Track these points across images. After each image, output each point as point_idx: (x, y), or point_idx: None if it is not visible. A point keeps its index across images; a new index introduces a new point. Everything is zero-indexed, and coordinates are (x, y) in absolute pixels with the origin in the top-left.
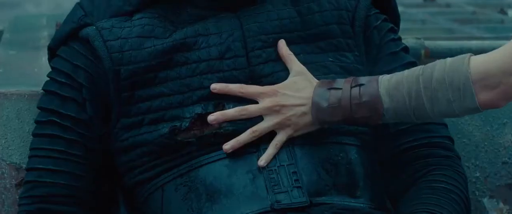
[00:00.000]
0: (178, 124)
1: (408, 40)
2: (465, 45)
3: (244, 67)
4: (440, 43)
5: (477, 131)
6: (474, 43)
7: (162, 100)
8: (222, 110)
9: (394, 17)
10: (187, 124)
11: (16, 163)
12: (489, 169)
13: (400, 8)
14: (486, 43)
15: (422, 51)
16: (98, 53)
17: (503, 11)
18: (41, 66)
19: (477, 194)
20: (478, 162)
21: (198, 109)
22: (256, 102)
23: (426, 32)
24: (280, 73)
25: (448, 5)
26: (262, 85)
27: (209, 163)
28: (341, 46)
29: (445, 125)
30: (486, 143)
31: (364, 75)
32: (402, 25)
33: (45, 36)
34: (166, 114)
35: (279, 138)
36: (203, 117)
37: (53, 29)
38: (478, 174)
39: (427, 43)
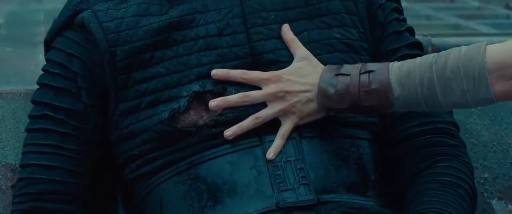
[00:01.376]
0: (176, 106)
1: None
2: (473, 42)
3: (244, 43)
4: (447, 40)
5: (486, 130)
6: (482, 40)
7: (158, 81)
8: (222, 88)
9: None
10: (185, 104)
11: (11, 164)
12: (497, 170)
13: (403, 4)
14: (494, 39)
15: (429, 48)
16: (93, 35)
17: (508, 6)
18: (38, 64)
19: (485, 196)
20: (486, 163)
21: (195, 87)
22: (260, 89)
23: (432, 29)
24: (282, 51)
25: (452, 0)
26: (263, 61)
27: (210, 159)
28: (345, 21)
29: (450, 111)
30: (494, 143)
31: (368, 54)
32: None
33: (43, 31)
34: (163, 95)
35: (286, 128)
36: (201, 95)
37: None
38: (486, 175)
39: (434, 40)
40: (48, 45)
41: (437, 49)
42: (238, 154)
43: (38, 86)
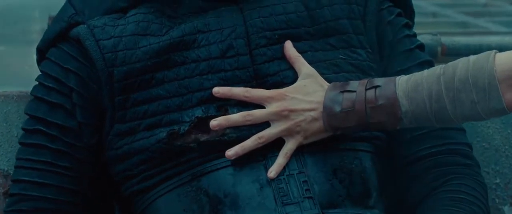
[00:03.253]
0: (176, 128)
1: (424, 36)
2: (484, 42)
3: (248, 66)
4: (457, 39)
5: (497, 134)
6: (493, 39)
7: (159, 104)
8: (225, 113)
9: (409, 12)
10: (186, 128)
11: (3, 169)
12: (510, 174)
13: None
14: (506, 39)
15: (439, 49)
16: (89, 54)
17: None
18: (32, 64)
19: (497, 202)
20: (498, 168)
21: (198, 112)
22: (263, 107)
23: (439, 26)
24: (286, 72)
25: None
26: (268, 85)
27: (212, 171)
28: (352, 42)
29: (464, 130)
30: (506, 147)
31: (377, 74)
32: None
33: (38, 29)
34: (163, 118)
35: (289, 147)
36: (203, 121)
37: (46, 23)
38: (498, 180)
39: (444, 39)
40: (42, 54)
41: (447, 49)
42: (240, 167)
43: (32, 96)
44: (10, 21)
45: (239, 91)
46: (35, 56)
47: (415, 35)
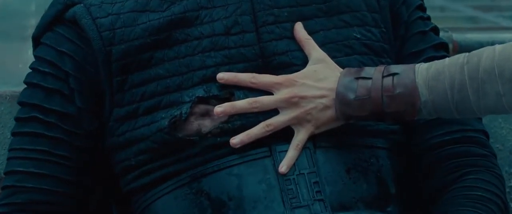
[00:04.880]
0: (177, 113)
1: None
2: (496, 38)
3: (253, 43)
4: (469, 36)
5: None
6: (507, 36)
7: (158, 84)
8: (230, 93)
9: None
10: (187, 110)
11: None
12: None
13: None
14: None
15: (450, 46)
16: (86, 33)
17: None
18: (27, 61)
19: (511, 206)
20: None
21: (199, 92)
22: (271, 94)
23: (448, 21)
24: (295, 52)
25: None
26: (274, 64)
27: (214, 171)
28: (366, 20)
29: (480, 117)
30: None
31: (390, 56)
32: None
33: (33, 24)
34: (162, 100)
35: (300, 137)
36: (205, 101)
37: None
38: None
39: (456, 36)
40: (37, 41)
41: (459, 46)
42: (245, 165)
43: (26, 84)
44: (5, 16)
45: (245, 77)
46: (29, 53)
47: (429, 18)
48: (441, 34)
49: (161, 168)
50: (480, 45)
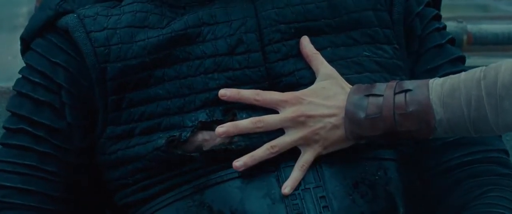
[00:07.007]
0: (177, 134)
1: (448, 23)
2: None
3: (259, 64)
4: (485, 27)
5: None
6: None
7: (157, 105)
8: (233, 118)
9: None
10: (187, 134)
11: None
12: None
13: None
14: None
15: (464, 37)
16: (79, 47)
17: None
18: (17, 53)
19: None
20: None
21: (202, 116)
22: (276, 112)
23: (459, 10)
24: (302, 71)
25: None
26: (281, 86)
27: (217, 183)
28: (378, 37)
29: (499, 135)
30: None
31: (404, 73)
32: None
33: (24, 13)
34: (162, 122)
35: (306, 158)
36: (208, 125)
37: (34, 5)
38: None
39: (470, 27)
40: (26, 44)
41: (473, 37)
42: (249, 179)
43: (15, 91)
44: None
45: (249, 94)
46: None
47: (445, 27)
48: (455, 25)
49: (160, 183)
50: (496, 36)
